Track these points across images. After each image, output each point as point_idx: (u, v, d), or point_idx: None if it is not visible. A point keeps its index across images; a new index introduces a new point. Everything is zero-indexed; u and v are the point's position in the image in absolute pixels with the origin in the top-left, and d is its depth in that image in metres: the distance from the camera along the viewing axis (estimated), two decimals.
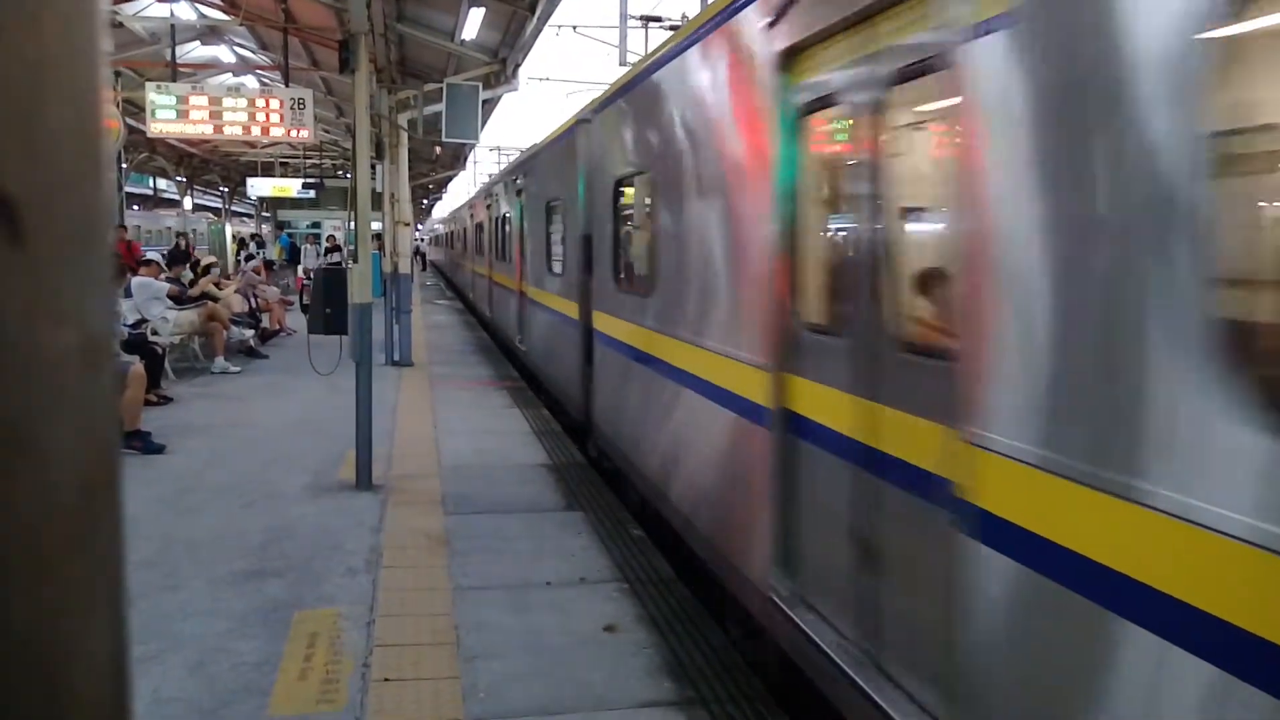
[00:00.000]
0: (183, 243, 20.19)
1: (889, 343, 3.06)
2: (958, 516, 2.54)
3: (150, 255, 12.69)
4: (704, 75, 4.92)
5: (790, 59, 3.67)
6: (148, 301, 11.30)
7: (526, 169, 12.16)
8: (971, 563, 2.48)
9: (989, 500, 2.42)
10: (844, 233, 3.52)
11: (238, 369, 12.29)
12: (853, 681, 3.14)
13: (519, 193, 12.53)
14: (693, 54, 5.05)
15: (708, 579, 5.01)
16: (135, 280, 11.45)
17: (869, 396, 3.13)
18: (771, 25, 3.76)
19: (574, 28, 20.37)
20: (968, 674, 2.54)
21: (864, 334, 3.20)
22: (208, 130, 12.52)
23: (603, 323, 7.42)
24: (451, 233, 33.61)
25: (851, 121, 3.32)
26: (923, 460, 2.80)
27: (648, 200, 6.16)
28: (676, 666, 4.13)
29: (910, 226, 3.19)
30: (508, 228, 13.89)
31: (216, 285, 14.05)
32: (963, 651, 2.54)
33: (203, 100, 12.21)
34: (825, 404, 3.46)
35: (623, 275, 7.10)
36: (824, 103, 3.51)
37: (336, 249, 22.41)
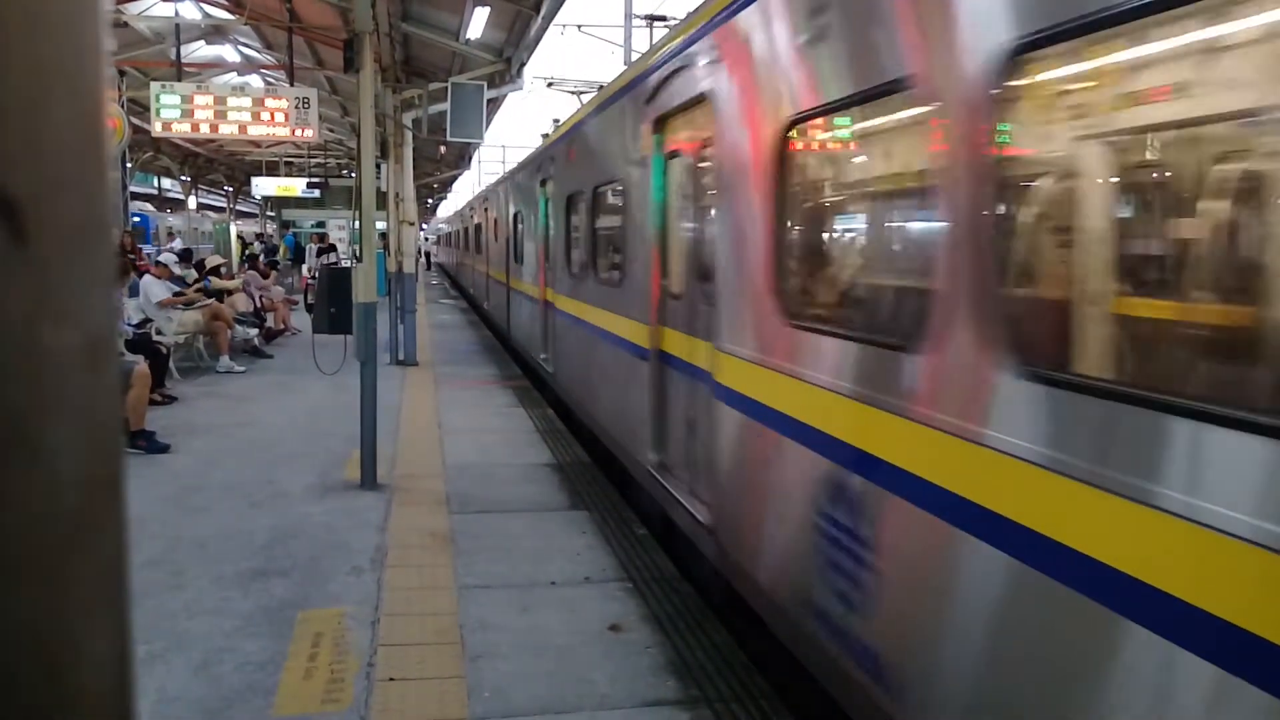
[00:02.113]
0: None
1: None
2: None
3: (160, 258, 12.68)
4: None
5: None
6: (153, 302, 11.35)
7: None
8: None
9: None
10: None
11: (242, 368, 12.31)
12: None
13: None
14: None
15: None
16: (144, 281, 11.49)
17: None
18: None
19: (579, 27, 20.37)
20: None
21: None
22: (212, 130, 12.54)
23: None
24: (464, 230, 31.34)
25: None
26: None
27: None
28: (681, 665, 4.13)
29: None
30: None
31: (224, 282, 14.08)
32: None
33: (207, 99, 12.23)
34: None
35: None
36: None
37: (332, 248, 22.43)
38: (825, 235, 4.29)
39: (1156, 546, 1.99)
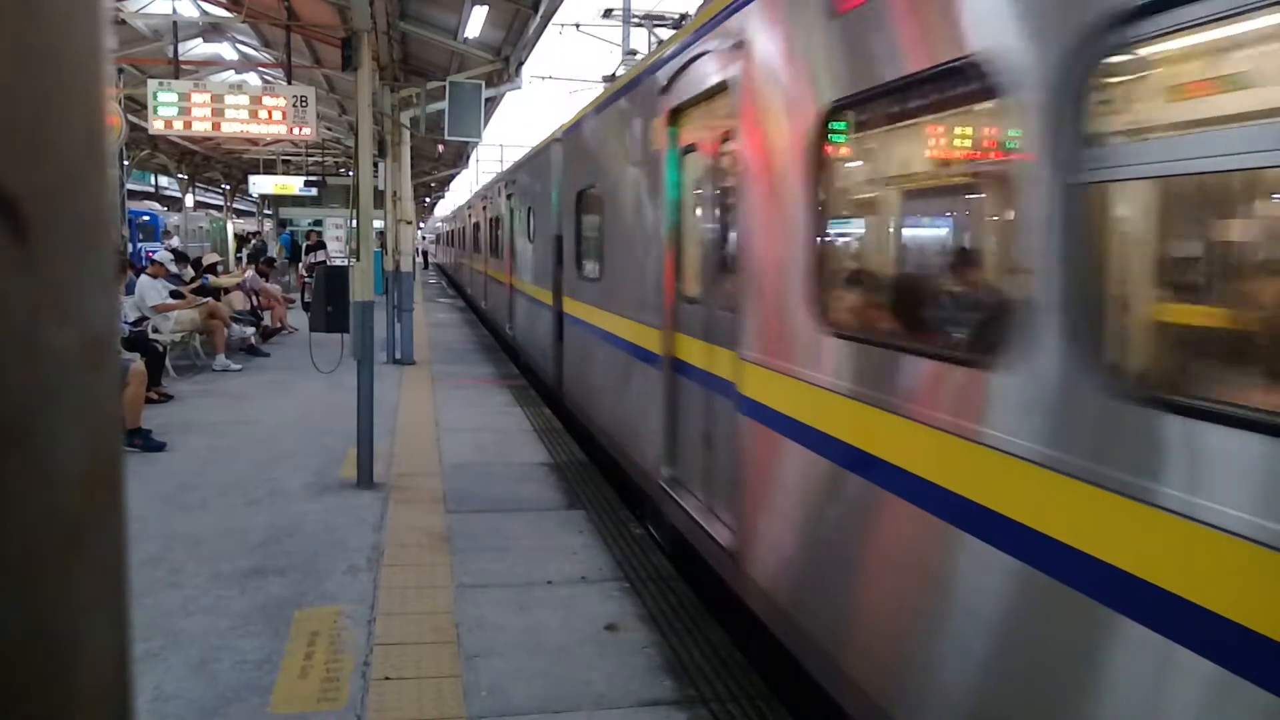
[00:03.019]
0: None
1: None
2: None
3: (156, 256, 12.66)
4: None
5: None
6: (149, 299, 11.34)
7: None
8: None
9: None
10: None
11: (239, 367, 12.29)
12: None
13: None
14: None
15: None
16: (139, 281, 11.48)
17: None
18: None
19: (576, 26, 20.36)
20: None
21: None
22: (209, 128, 12.52)
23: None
24: (462, 230, 29.05)
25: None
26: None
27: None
28: (677, 665, 4.13)
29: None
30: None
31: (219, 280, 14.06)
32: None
33: (205, 97, 12.20)
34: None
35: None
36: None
37: (320, 246, 22.41)
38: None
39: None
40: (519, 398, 10.74)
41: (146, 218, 27.02)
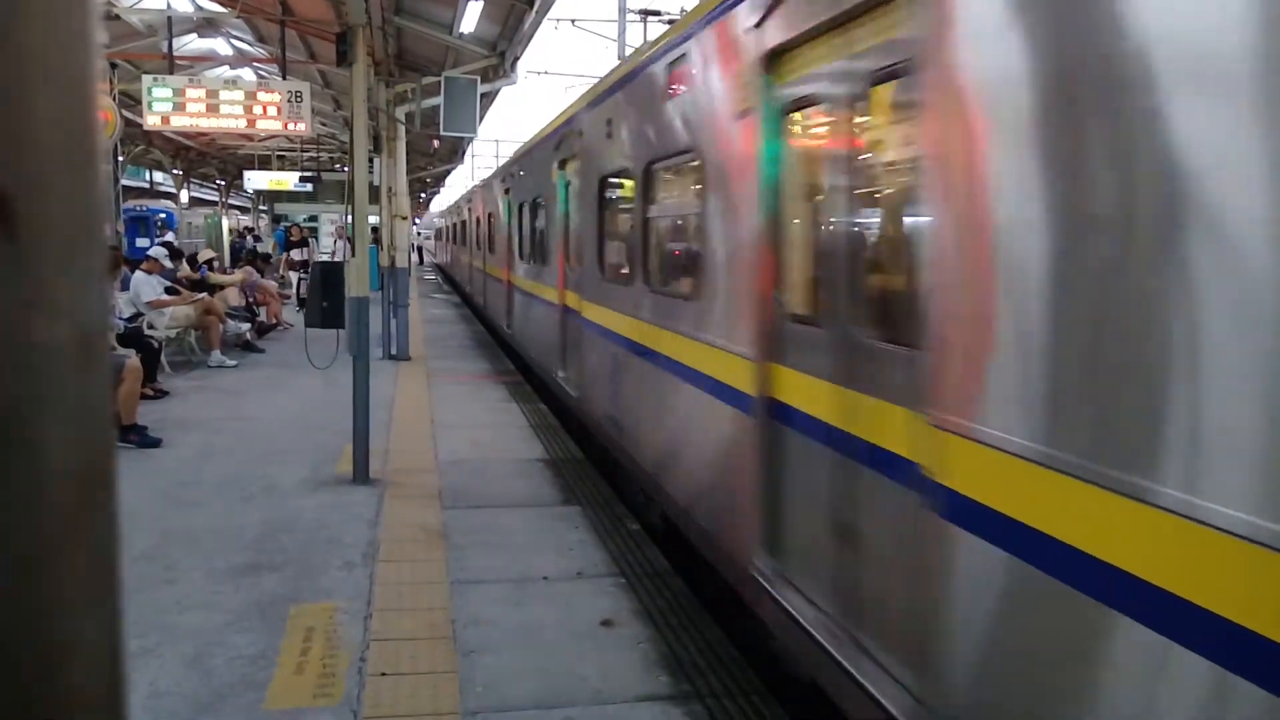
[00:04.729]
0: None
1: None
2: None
3: (150, 252, 12.62)
4: None
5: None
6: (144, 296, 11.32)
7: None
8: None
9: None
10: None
11: (234, 363, 12.27)
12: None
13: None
14: None
15: None
16: (134, 277, 11.45)
17: None
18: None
19: (572, 21, 20.34)
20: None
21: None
22: (204, 123, 12.49)
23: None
24: (460, 225, 25.98)
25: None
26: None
27: None
28: (673, 660, 4.14)
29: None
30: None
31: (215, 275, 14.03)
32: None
33: (199, 93, 12.18)
34: None
35: None
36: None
37: (304, 242, 22.38)
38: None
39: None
40: (515, 393, 10.73)
41: (164, 215, 27.03)
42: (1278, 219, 1.76)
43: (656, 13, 17.52)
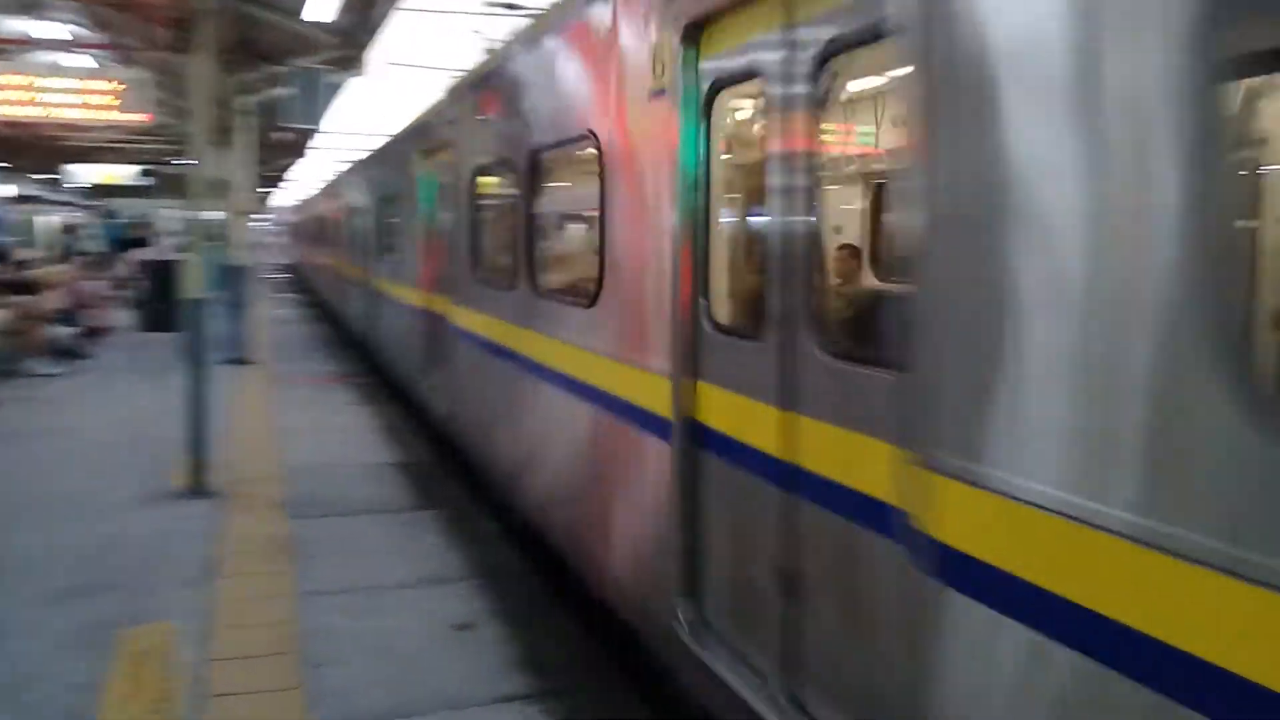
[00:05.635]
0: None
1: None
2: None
3: None
4: None
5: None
6: None
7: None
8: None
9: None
10: None
11: (59, 371, 11.47)
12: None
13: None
14: None
15: None
16: None
17: None
18: None
19: (434, 13, 19.81)
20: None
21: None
22: (24, 112, 11.56)
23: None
24: (311, 222, 24.04)
25: None
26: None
27: None
28: (531, 659, 4.13)
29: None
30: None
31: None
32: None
33: (22, 79, 11.23)
34: None
35: None
36: None
37: (141, 241, 21.31)
38: None
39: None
40: (366, 395, 10.46)
41: None
42: None
43: (516, 5, 17.29)
